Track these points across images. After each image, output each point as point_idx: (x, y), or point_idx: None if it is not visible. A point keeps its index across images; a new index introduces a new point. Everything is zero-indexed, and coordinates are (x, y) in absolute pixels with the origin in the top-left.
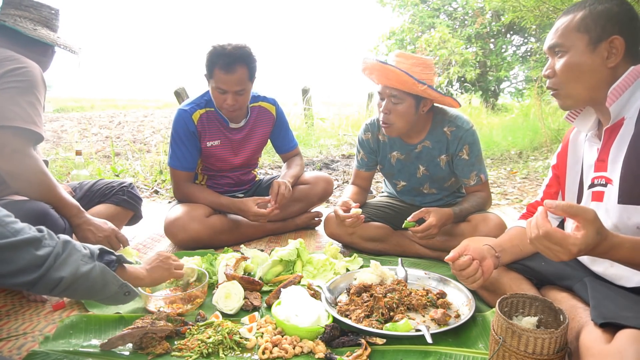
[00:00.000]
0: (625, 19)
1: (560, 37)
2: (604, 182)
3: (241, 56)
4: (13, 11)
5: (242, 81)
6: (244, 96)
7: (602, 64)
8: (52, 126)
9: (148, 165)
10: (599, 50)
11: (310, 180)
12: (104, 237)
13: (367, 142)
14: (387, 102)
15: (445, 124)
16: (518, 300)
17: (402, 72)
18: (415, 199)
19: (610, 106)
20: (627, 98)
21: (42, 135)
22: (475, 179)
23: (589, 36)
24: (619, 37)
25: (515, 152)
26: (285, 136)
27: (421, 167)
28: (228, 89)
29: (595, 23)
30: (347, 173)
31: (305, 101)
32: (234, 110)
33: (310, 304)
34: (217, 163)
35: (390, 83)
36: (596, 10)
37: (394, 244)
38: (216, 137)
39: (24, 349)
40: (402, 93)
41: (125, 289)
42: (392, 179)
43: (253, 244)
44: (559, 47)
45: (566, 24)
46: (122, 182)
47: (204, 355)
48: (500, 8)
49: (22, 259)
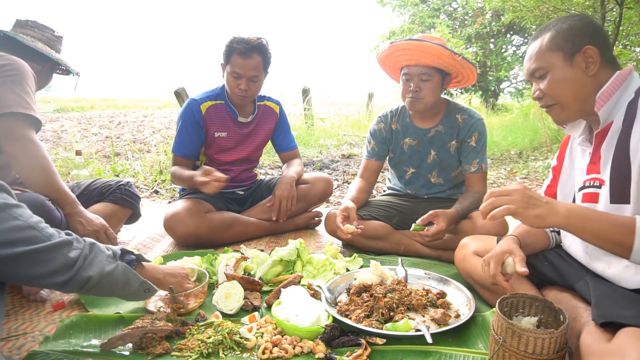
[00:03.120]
0: (590, 30)
1: (537, 61)
2: (597, 183)
3: (258, 46)
4: (18, 29)
5: (257, 68)
6: (256, 83)
7: (584, 74)
8: (52, 126)
9: (148, 165)
10: (576, 62)
11: (310, 180)
12: (92, 231)
13: (380, 132)
14: (417, 80)
15: (458, 112)
16: (518, 300)
17: (439, 46)
18: (421, 189)
19: (599, 110)
20: (615, 102)
21: (40, 121)
22: (476, 166)
23: (563, 52)
24: (591, 47)
25: (515, 152)
26: (286, 136)
27: (432, 152)
28: (243, 74)
29: (565, 39)
30: (347, 173)
31: (305, 101)
32: (245, 96)
33: (310, 304)
34: (221, 154)
35: (425, 59)
36: (562, 29)
37: (394, 243)
38: (224, 128)
39: (24, 349)
40: (431, 70)
41: (145, 287)
42: (402, 166)
43: (253, 244)
44: (538, 70)
45: (538, 48)
46: (119, 180)
47: (204, 355)
48: (500, 8)
49: (57, 261)
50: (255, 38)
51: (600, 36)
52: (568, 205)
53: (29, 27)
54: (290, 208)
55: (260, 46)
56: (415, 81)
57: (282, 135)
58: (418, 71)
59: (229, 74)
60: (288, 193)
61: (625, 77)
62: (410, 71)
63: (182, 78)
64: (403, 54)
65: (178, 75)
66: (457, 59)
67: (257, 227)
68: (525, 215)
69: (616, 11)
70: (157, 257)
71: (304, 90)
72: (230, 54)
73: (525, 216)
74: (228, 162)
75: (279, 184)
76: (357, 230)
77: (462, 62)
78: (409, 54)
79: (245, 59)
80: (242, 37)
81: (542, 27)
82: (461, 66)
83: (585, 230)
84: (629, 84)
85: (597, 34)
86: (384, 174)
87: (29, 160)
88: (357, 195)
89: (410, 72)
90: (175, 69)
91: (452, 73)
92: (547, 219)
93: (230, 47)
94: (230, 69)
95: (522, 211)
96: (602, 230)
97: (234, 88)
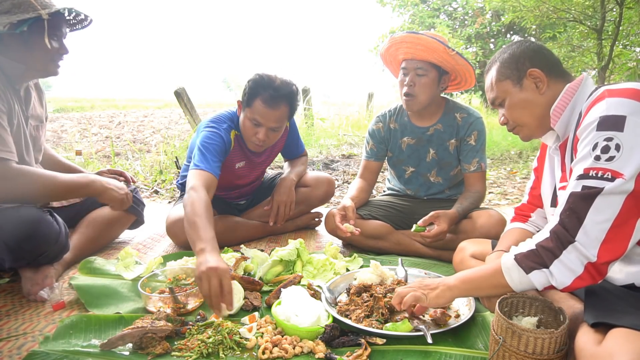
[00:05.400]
0: (530, 53)
1: (492, 92)
2: None
3: (287, 94)
4: None
5: (281, 119)
6: (277, 133)
7: (536, 94)
8: (52, 126)
9: (148, 165)
10: (525, 85)
11: (312, 183)
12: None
13: (378, 132)
14: (412, 75)
15: (457, 111)
16: (518, 300)
17: (433, 40)
18: (421, 188)
19: (554, 126)
20: (569, 114)
21: (9, 157)
22: (476, 165)
23: (511, 80)
24: (534, 69)
25: (515, 152)
26: (296, 145)
27: (431, 151)
28: (264, 124)
29: (509, 68)
30: (347, 173)
31: (305, 101)
32: (263, 145)
33: (310, 304)
34: (238, 180)
35: (420, 52)
36: (504, 59)
37: (394, 242)
38: (242, 158)
39: (24, 349)
40: (427, 65)
41: None
42: (401, 165)
43: (253, 244)
44: (496, 99)
45: (490, 80)
46: None
47: (204, 355)
48: (500, 8)
49: None
50: (285, 83)
51: (540, 56)
52: (457, 275)
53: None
54: (288, 213)
55: (290, 95)
56: (411, 75)
57: (292, 145)
58: (414, 65)
59: (247, 118)
60: (287, 198)
61: (575, 89)
62: (408, 65)
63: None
64: (400, 47)
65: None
66: (451, 53)
67: (259, 230)
68: (429, 298)
69: (616, 11)
70: (157, 257)
71: (304, 90)
72: (254, 97)
73: (429, 299)
74: (240, 185)
75: (278, 188)
76: (355, 232)
77: (456, 58)
78: (405, 47)
79: (270, 110)
80: (270, 80)
81: (490, 60)
82: (456, 62)
83: (474, 290)
84: (580, 94)
85: (537, 55)
86: (384, 174)
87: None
88: (357, 195)
89: (408, 67)
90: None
91: (449, 71)
92: (445, 294)
93: (255, 90)
94: (250, 115)
95: (424, 297)
96: (482, 283)
97: (251, 136)
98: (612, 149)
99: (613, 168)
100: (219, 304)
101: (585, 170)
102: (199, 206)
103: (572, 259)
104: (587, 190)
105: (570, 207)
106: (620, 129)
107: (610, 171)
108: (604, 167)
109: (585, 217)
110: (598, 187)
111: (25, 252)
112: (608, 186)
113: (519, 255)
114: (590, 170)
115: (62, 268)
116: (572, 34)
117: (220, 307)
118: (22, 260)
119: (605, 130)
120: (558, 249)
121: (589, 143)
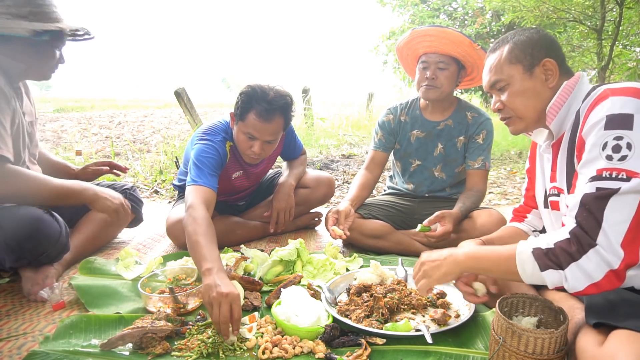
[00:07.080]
0: (547, 42)
1: (497, 74)
2: (556, 192)
3: (282, 106)
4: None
5: (276, 132)
6: (272, 145)
7: (543, 86)
8: (52, 126)
9: (148, 165)
10: (535, 74)
11: (311, 184)
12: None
13: (388, 124)
14: (434, 68)
15: (468, 110)
16: (518, 300)
17: (460, 34)
18: (424, 183)
19: (550, 124)
20: (565, 113)
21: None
22: (480, 163)
23: (522, 65)
24: (550, 60)
25: (515, 152)
26: (294, 147)
27: (439, 145)
28: (259, 137)
29: (524, 52)
30: (347, 173)
31: (305, 101)
32: (258, 158)
33: (310, 304)
34: (236, 188)
35: (445, 46)
36: (520, 41)
37: (394, 242)
38: (239, 168)
39: (24, 349)
40: (449, 59)
41: None
42: (407, 158)
43: (253, 244)
44: (498, 82)
45: (497, 60)
46: (123, 184)
47: (204, 355)
48: (500, 8)
49: None
50: (279, 94)
51: (556, 48)
52: (466, 249)
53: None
54: (288, 219)
55: (285, 107)
56: (432, 69)
57: (289, 150)
58: (436, 59)
59: (241, 132)
60: (286, 205)
61: (572, 87)
62: (428, 59)
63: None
64: (423, 41)
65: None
66: (476, 47)
67: (259, 230)
68: (438, 279)
69: (616, 11)
70: (157, 257)
71: (304, 90)
72: (247, 111)
73: (438, 280)
74: (239, 191)
75: (276, 194)
76: (343, 235)
77: (479, 52)
78: (429, 41)
79: (264, 123)
80: (263, 92)
81: (500, 39)
82: (479, 57)
83: (481, 270)
84: (577, 93)
85: (553, 46)
86: (384, 174)
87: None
88: (358, 193)
89: (428, 60)
90: (175, 69)
91: (467, 67)
92: (454, 271)
93: (248, 103)
94: (244, 129)
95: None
96: (492, 265)
97: (246, 149)
98: (623, 148)
99: (627, 168)
100: (227, 330)
101: (598, 171)
102: (201, 225)
103: (592, 265)
104: (602, 191)
105: (586, 209)
106: (629, 127)
107: (625, 171)
108: (618, 167)
109: (603, 219)
110: (614, 188)
111: (26, 252)
112: (624, 186)
113: (537, 250)
114: (604, 171)
115: (62, 268)
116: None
117: (228, 333)
118: (22, 259)
119: (614, 129)
120: (578, 252)
121: (598, 143)
